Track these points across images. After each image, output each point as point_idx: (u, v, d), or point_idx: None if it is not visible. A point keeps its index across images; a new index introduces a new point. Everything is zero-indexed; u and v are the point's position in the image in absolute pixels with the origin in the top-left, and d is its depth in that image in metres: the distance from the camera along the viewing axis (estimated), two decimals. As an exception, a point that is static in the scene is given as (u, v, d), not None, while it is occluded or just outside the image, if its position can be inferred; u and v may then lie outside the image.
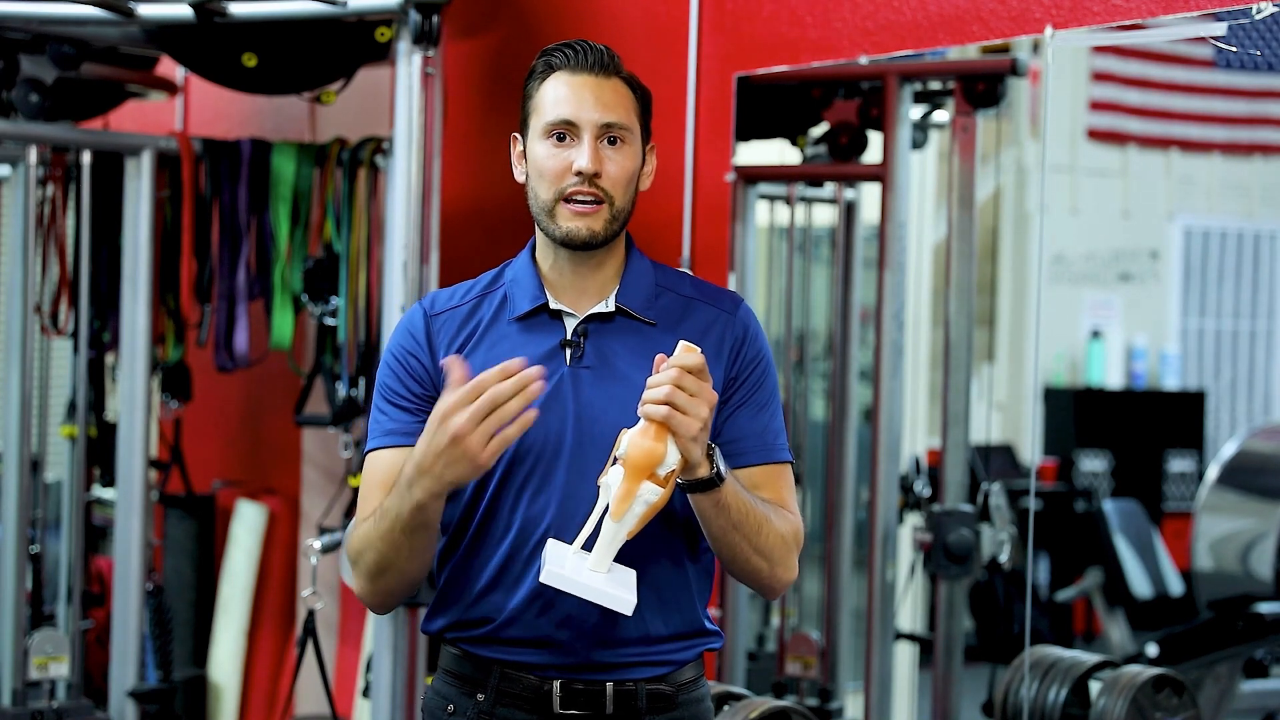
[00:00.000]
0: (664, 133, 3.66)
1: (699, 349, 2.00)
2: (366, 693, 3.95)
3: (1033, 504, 4.22)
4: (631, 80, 2.21)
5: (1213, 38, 2.79)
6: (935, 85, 4.03)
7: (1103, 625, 6.57)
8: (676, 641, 2.22)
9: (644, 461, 1.98)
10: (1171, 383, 8.61)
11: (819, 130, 4.17)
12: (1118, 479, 7.93)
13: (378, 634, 3.78)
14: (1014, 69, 3.84)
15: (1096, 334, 8.51)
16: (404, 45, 3.70)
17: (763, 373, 2.23)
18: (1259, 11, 2.67)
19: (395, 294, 3.73)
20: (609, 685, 2.18)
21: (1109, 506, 7.12)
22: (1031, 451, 7.56)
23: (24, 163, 3.80)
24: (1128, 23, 2.93)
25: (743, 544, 2.12)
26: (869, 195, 4.37)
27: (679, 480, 2.04)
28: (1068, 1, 2.99)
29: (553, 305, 2.22)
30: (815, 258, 4.57)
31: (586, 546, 2.05)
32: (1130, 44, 6.84)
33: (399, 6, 3.65)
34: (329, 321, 4.06)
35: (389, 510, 2.10)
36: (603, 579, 2.03)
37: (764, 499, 2.17)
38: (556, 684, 2.17)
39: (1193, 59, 8.33)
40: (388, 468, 2.19)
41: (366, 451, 2.24)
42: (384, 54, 3.82)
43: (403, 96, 3.71)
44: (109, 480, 4.36)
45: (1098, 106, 8.34)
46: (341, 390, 4.05)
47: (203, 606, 4.84)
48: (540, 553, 2.14)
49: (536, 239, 2.25)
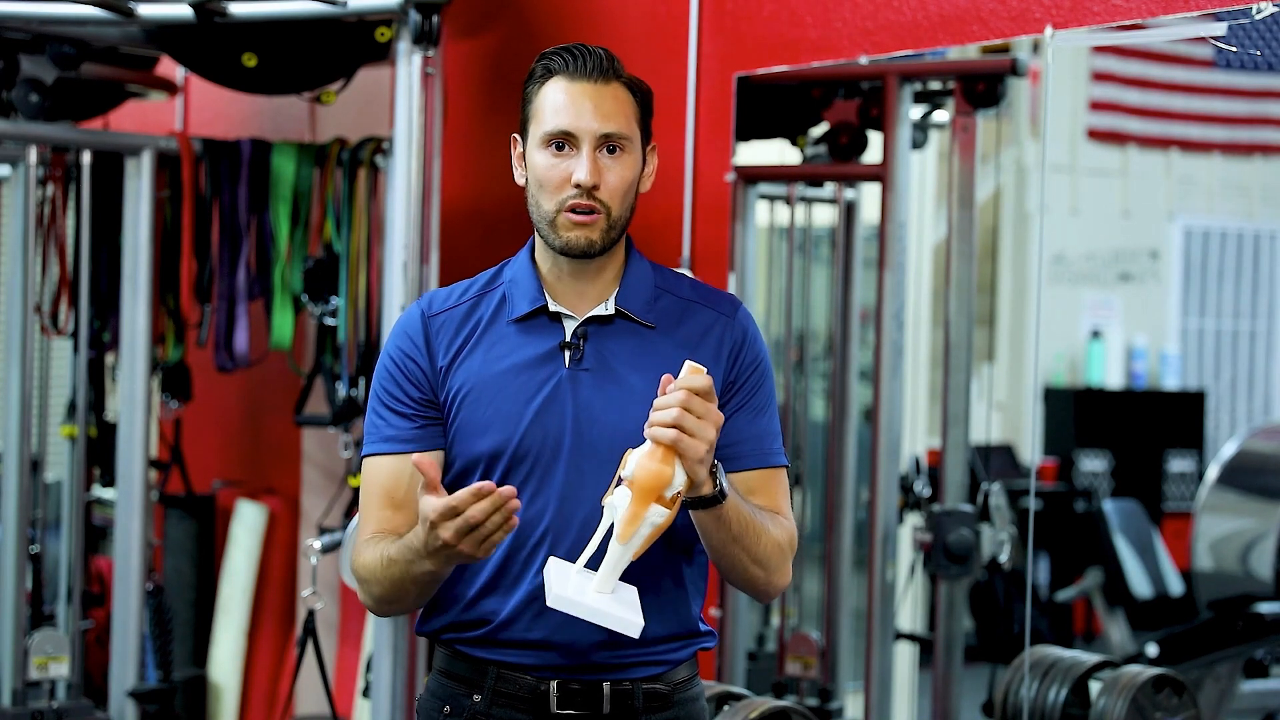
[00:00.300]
0: (664, 133, 3.66)
1: (705, 369, 1.99)
2: (366, 693, 3.94)
3: (1033, 504, 4.22)
4: (631, 83, 2.19)
5: (1213, 38, 2.79)
6: (935, 85, 4.02)
7: (1103, 625, 6.56)
8: (672, 641, 2.22)
9: (652, 484, 1.98)
10: (1171, 383, 8.61)
11: (819, 130, 4.17)
12: (1118, 479, 7.93)
13: (378, 634, 3.78)
14: (1014, 69, 3.84)
15: (1096, 334, 8.51)
16: (404, 45, 3.70)
17: (761, 377, 2.23)
18: (1259, 11, 2.66)
19: (395, 294, 3.73)
20: (606, 685, 2.18)
21: (1109, 506, 7.12)
22: (1031, 451, 7.56)
23: (24, 163, 3.80)
24: (1128, 23, 2.93)
25: (741, 555, 2.12)
26: (869, 195, 4.37)
27: (683, 498, 2.04)
28: (1068, 1, 2.99)
29: (552, 307, 2.21)
30: (815, 258, 4.57)
31: (591, 565, 2.05)
32: (1130, 44, 6.84)
33: (399, 6, 3.65)
34: (329, 321, 4.06)
35: (397, 561, 2.10)
36: (609, 600, 2.02)
37: (759, 505, 2.16)
38: (553, 684, 2.17)
39: (1193, 59, 8.32)
40: (387, 475, 2.19)
41: (364, 456, 2.23)
42: (384, 54, 3.82)
43: (403, 96, 3.71)
44: (109, 480, 4.36)
45: (1098, 106, 8.33)
46: (341, 390, 4.05)
47: (203, 606, 4.84)
48: (538, 556, 2.14)
49: (535, 240, 2.25)
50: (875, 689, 3.94)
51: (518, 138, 2.23)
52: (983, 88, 3.87)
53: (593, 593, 2.02)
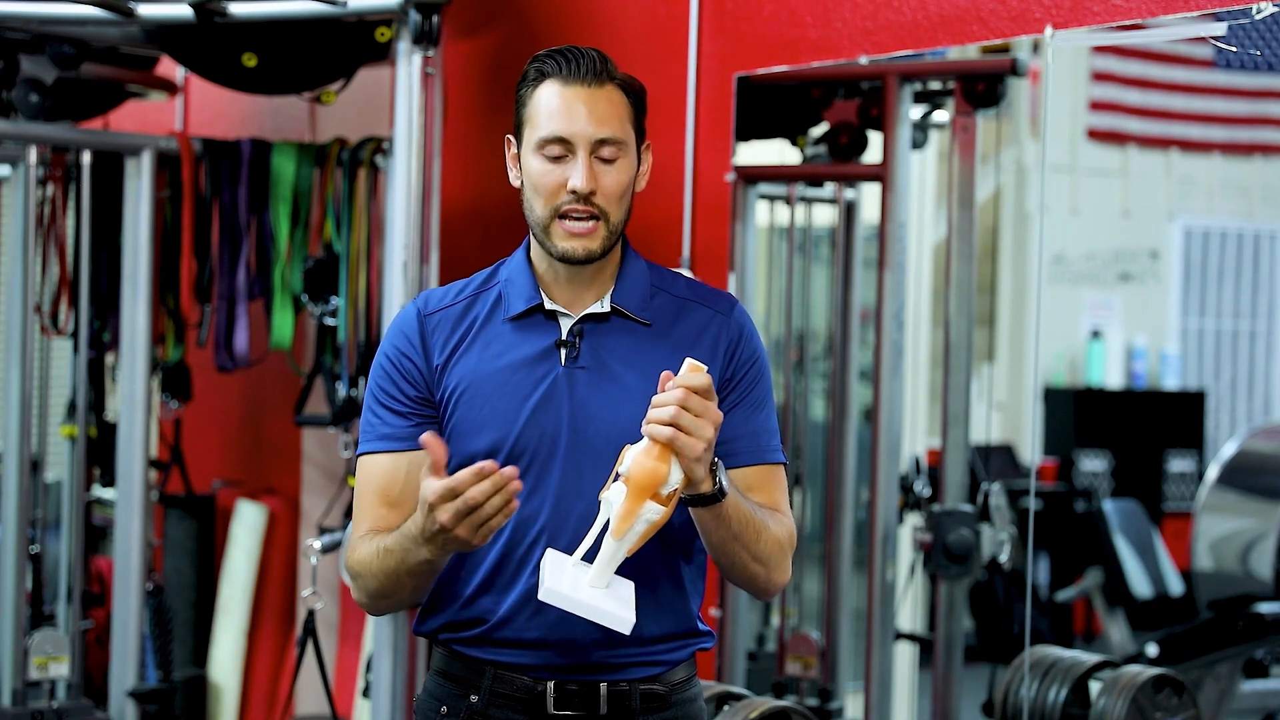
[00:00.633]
0: (664, 133, 3.66)
1: (705, 368, 1.98)
2: (366, 693, 3.95)
3: (1033, 504, 4.22)
4: (625, 83, 2.17)
5: (1213, 38, 2.79)
6: (935, 85, 4.02)
7: (1103, 625, 6.56)
8: (670, 642, 2.22)
9: (647, 482, 1.98)
10: (1171, 383, 8.61)
11: (819, 130, 4.17)
12: (1118, 479, 7.93)
13: (378, 634, 3.78)
14: (1014, 69, 3.84)
15: (1096, 334, 8.51)
16: (404, 45, 3.70)
17: (757, 373, 2.23)
18: (1259, 11, 2.66)
19: (395, 294, 3.73)
20: (603, 686, 2.17)
21: (1109, 506, 7.12)
22: (1031, 451, 7.56)
23: (24, 163, 3.80)
24: (1128, 23, 2.93)
25: (741, 553, 2.12)
26: (869, 195, 4.37)
27: (682, 495, 2.03)
28: (1068, 1, 2.99)
29: (548, 305, 2.21)
30: (815, 258, 4.57)
31: (587, 558, 2.05)
32: (1130, 44, 6.84)
33: (399, 6, 3.65)
34: (329, 321, 4.06)
35: (393, 551, 2.09)
36: (602, 596, 2.02)
37: (758, 502, 2.16)
38: (550, 685, 2.17)
39: (1193, 59, 8.32)
40: (383, 474, 2.19)
41: (359, 454, 2.23)
42: (384, 54, 3.82)
43: (403, 96, 3.71)
44: (109, 480, 4.36)
45: (1098, 106, 8.33)
46: (341, 390, 4.05)
47: (203, 606, 4.84)
48: (534, 554, 2.14)
49: (531, 239, 2.25)
50: (875, 689, 3.94)
51: (511, 139, 2.22)
52: (983, 88, 3.87)
53: (586, 587, 2.02)
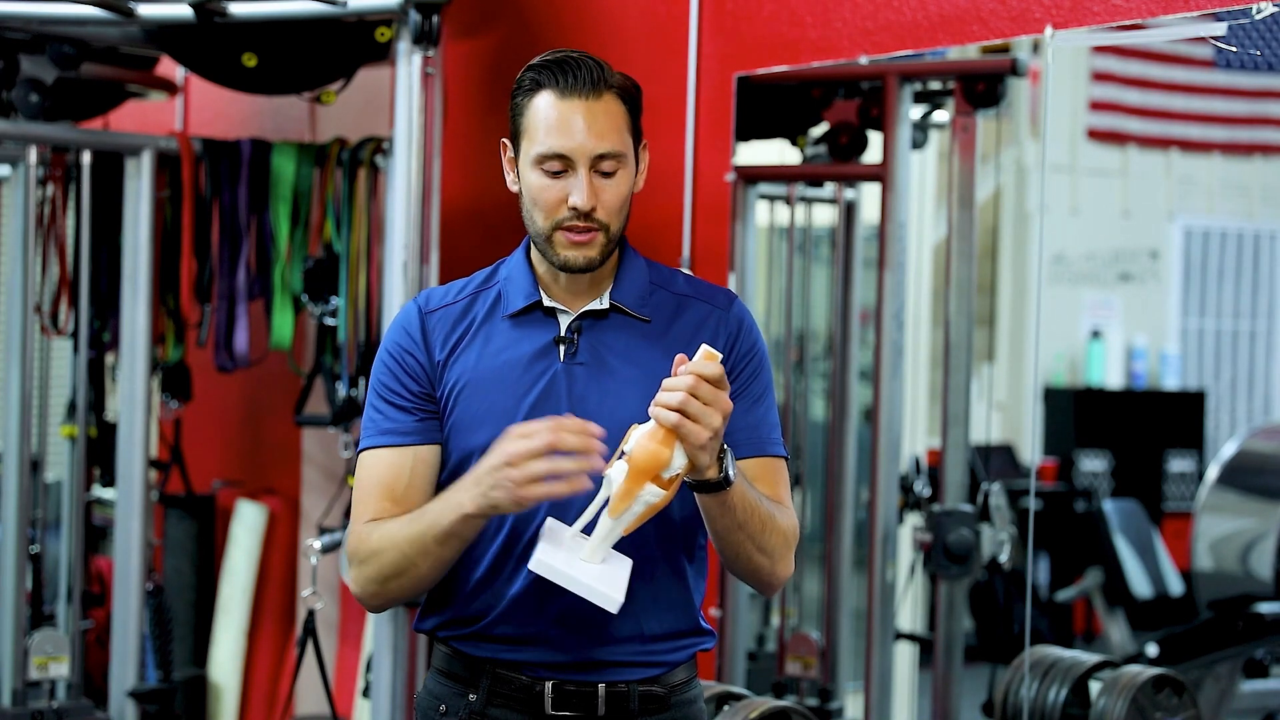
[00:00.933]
0: (664, 133, 3.66)
1: (720, 356, 1.98)
2: (366, 693, 3.95)
3: (1033, 504, 4.21)
4: (622, 89, 2.15)
5: (1213, 38, 2.79)
6: (935, 85, 4.02)
7: (1103, 625, 6.56)
8: (670, 641, 2.22)
9: (648, 465, 1.98)
10: (1171, 383, 8.61)
11: (819, 130, 4.17)
12: (1118, 479, 7.93)
13: (378, 634, 3.78)
14: (1014, 69, 3.84)
15: (1096, 334, 8.51)
16: (404, 45, 3.70)
17: (757, 366, 2.22)
18: (1259, 11, 2.67)
19: (395, 294, 3.73)
20: (601, 687, 2.17)
21: (1109, 506, 7.12)
22: (1031, 451, 7.56)
23: (24, 163, 3.80)
24: (1128, 23, 2.93)
25: (746, 543, 2.11)
26: (869, 195, 4.37)
27: (687, 480, 2.03)
28: (1068, 1, 2.99)
29: (546, 302, 2.21)
30: (815, 258, 4.57)
31: (586, 531, 2.05)
32: (1130, 44, 6.84)
33: (399, 6, 3.66)
34: (329, 321, 4.06)
35: (427, 513, 2.09)
36: (594, 572, 2.02)
37: (762, 495, 2.16)
38: (548, 685, 2.17)
39: (1193, 59, 8.32)
40: (386, 468, 2.19)
41: (360, 450, 2.22)
42: (384, 54, 3.82)
43: (403, 96, 3.71)
44: (109, 480, 4.36)
45: (1098, 106, 8.33)
46: (341, 390, 4.05)
47: (203, 606, 4.84)
48: (533, 551, 2.14)
49: (530, 238, 2.25)
50: (875, 689, 3.94)
51: (507, 143, 2.21)
52: (983, 88, 3.87)
53: (578, 562, 2.02)
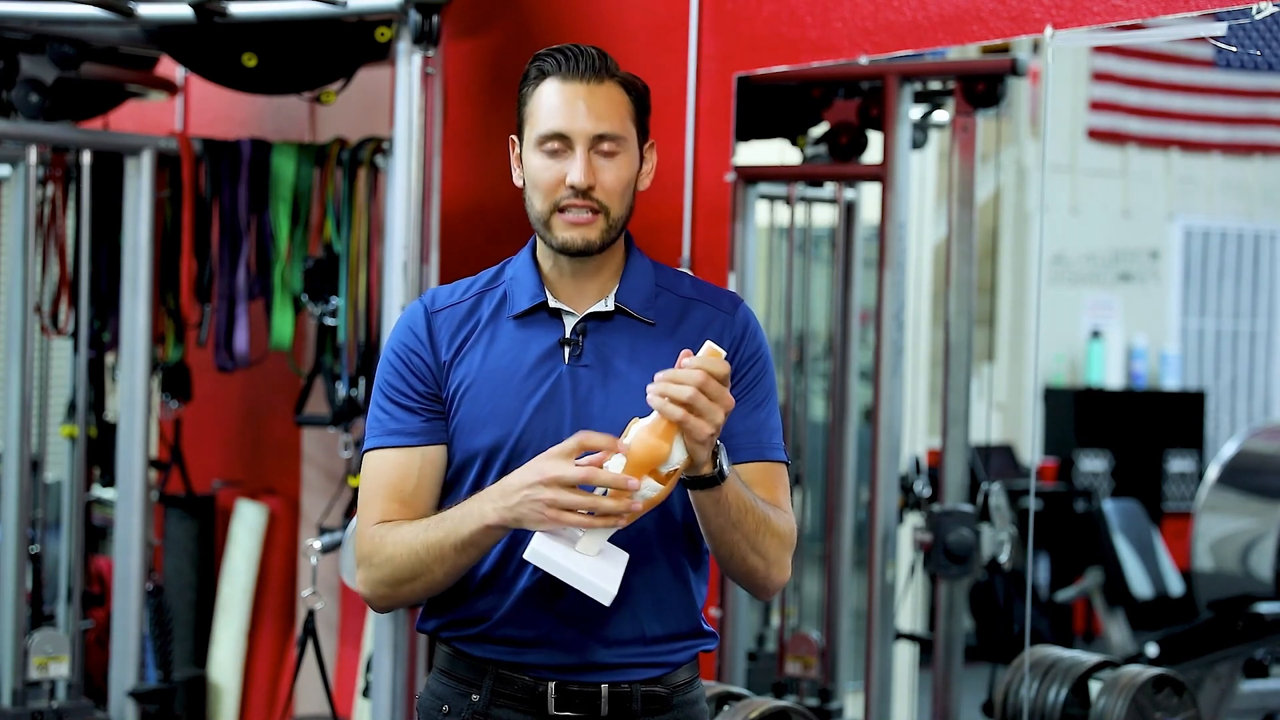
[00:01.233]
0: (664, 133, 3.66)
1: (724, 353, 1.99)
2: (366, 693, 3.95)
3: (1033, 504, 4.21)
4: (626, 81, 2.18)
5: (1213, 38, 2.79)
6: (935, 85, 4.02)
7: (1103, 625, 6.56)
8: (672, 642, 2.22)
9: (646, 459, 1.98)
10: (1171, 383, 8.61)
11: (819, 130, 4.17)
12: (1118, 479, 7.93)
13: (378, 634, 3.78)
14: (1014, 69, 3.84)
15: (1096, 334, 8.51)
16: (404, 45, 3.70)
17: (760, 371, 2.22)
18: (1259, 11, 2.67)
19: (395, 294, 3.73)
20: (604, 687, 2.17)
21: (1109, 506, 7.12)
22: (1031, 451, 7.56)
23: (24, 163, 3.80)
24: (1128, 23, 2.93)
25: (741, 543, 2.11)
26: (869, 195, 4.37)
27: (682, 477, 2.03)
28: (1068, 1, 2.99)
29: (552, 304, 2.21)
30: (815, 258, 4.57)
31: None
32: (1130, 44, 6.84)
33: (399, 6, 3.66)
34: (329, 321, 4.06)
35: (446, 519, 2.09)
36: (588, 564, 2.01)
37: (759, 498, 2.16)
38: (551, 685, 2.17)
39: (1193, 59, 8.33)
40: (393, 469, 2.18)
41: (366, 450, 2.22)
42: (384, 54, 3.82)
43: (403, 96, 3.71)
44: (109, 480, 4.36)
45: (1098, 106, 8.34)
46: (341, 390, 4.05)
47: (203, 606, 4.84)
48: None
49: (536, 239, 2.25)
50: (875, 689, 3.94)
51: (515, 139, 2.23)
52: (983, 88, 3.87)
53: (573, 553, 2.02)
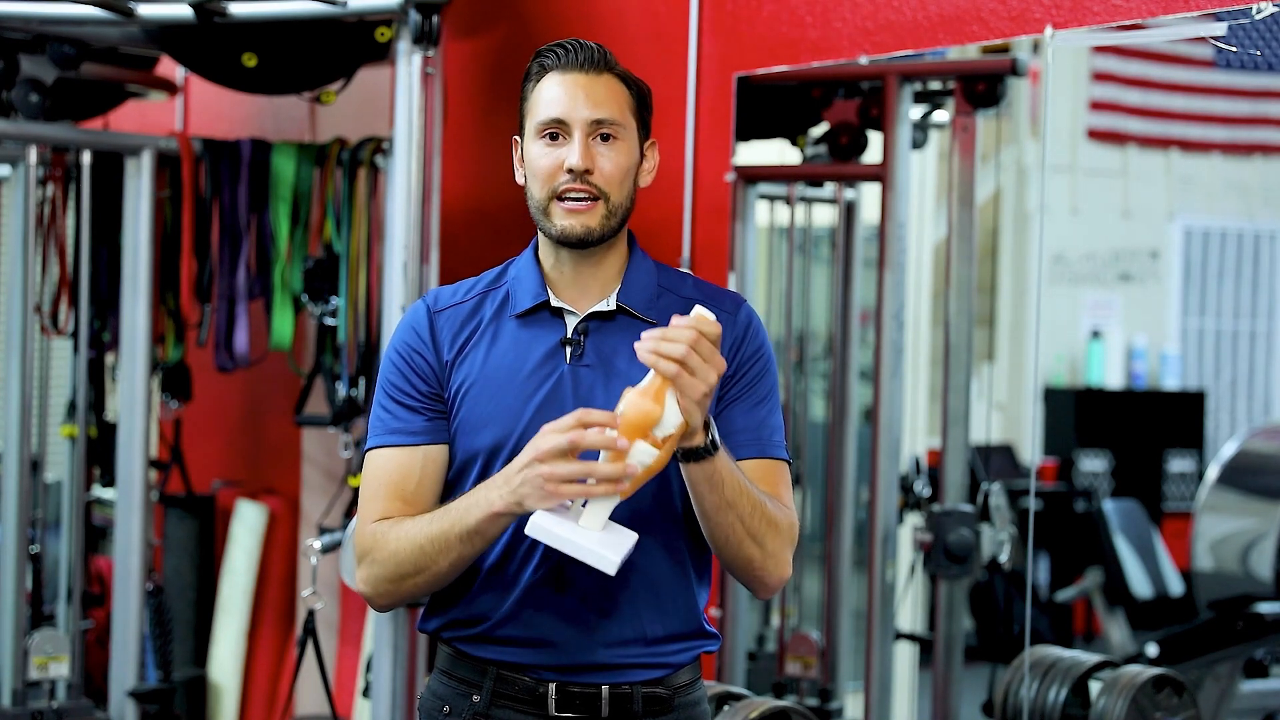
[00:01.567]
0: (664, 133, 3.66)
1: (713, 316, 1.98)
2: (366, 693, 3.95)
3: (1033, 504, 4.21)
4: (626, 76, 2.19)
5: (1213, 38, 2.79)
6: (935, 85, 4.03)
7: (1103, 625, 6.57)
8: (674, 643, 2.21)
9: (640, 421, 1.97)
10: (1171, 383, 8.61)
11: (819, 130, 4.17)
12: (1118, 479, 7.93)
13: (378, 634, 3.78)
14: (1014, 69, 3.84)
15: (1096, 334, 8.51)
16: (404, 45, 3.70)
17: (762, 369, 2.22)
18: (1259, 11, 2.67)
19: (395, 294, 3.73)
20: (604, 688, 2.17)
21: (1109, 506, 7.12)
22: (1031, 451, 7.56)
23: (24, 163, 3.80)
24: (1128, 23, 2.93)
25: (736, 525, 2.10)
26: (869, 195, 4.37)
27: (675, 453, 2.02)
28: (1068, 1, 2.99)
29: (554, 303, 2.21)
30: (815, 258, 4.57)
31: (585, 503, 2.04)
32: (1130, 44, 6.84)
33: (399, 6, 3.66)
34: (329, 321, 4.06)
35: (451, 510, 2.09)
36: (591, 536, 2.01)
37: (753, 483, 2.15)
38: (552, 686, 2.17)
39: (1193, 59, 8.33)
40: (397, 468, 2.18)
41: (368, 449, 2.22)
42: (384, 54, 3.82)
43: (403, 96, 3.72)
44: (109, 480, 4.36)
45: (1098, 106, 8.34)
46: (341, 390, 4.05)
47: (203, 606, 4.84)
48: (536, 552, 2.14)
49: (539, 238, 2.25)
50: (875, 689, 3.94)
51: (518, 139, 2.24)
52: (983, 88, 3.87)
53: (576, 527, 2.01)
